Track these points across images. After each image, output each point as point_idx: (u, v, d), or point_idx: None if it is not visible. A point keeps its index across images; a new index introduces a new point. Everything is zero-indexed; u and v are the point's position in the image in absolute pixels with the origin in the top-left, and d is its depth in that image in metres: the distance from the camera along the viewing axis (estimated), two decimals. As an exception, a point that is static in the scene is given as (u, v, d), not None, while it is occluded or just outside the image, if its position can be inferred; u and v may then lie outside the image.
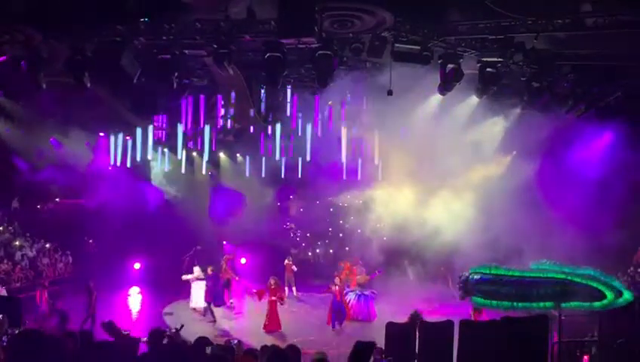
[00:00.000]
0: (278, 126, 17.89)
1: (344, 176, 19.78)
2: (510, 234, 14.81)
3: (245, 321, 15.88)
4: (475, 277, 12.59)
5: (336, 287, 14.96)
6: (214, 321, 15.18)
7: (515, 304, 12.35)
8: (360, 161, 19.67)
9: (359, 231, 20.97)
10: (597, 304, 11.66)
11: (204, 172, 20.66)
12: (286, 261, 19.06)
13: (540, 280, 12.20)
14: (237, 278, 17.97)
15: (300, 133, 18.47)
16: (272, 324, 14.18)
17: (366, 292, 16.11)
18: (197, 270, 16.58)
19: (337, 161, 20.27)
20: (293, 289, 18.89)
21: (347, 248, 21.84)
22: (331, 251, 23.53)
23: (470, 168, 17.62)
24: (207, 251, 20.20)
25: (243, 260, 21.25)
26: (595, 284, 11.80)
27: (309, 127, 17.94)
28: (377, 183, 19.52)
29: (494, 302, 12.38)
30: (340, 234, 23.27)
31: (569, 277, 12.03)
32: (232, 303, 17.44)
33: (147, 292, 19.38)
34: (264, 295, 14.41)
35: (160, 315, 15.98)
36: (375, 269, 17.23)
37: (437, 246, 17.31)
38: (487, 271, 12.63)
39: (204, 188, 22.62)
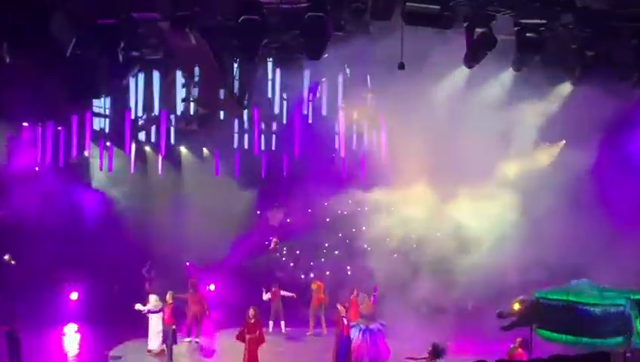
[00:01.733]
0: (257, 111, 17.94)
1: (343, 176, 19.89)
2: (563, 245, 15.01)
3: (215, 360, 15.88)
4: (544, 302, 12.57)
5: (345, 320, 14.99)
6: None
7: (580, 339, 12.42)
8: (363, 156, 19.77)
9: (364, 246, 21.09)
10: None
11: (160, 171, 20.64)
12: (273, 288, 19.18)
13: (612, 313, 12.30)
14: (207, 312, 17.88)
15: (285, 121, 18.53)
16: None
17: (372, 326, 16.15)
18: (153, 299, 16.62)
19: (334, 155, 20.42)
20: (282, 323, 18.83)
21: (348, 268, 21.91)
22: (328, 273, 23.59)
23: (506, 162, 17.81)
24: (168, 273, 20.17)
25: (211, 286, 21.26)
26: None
27: (296, 113, 18.01)
28: (386, 184, 19.66)
29: (561, 336, 12.45)
30: (336, 251, 23.31)
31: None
32: (197, 342, 17.41)
33: (88, 331, 19.08)
34: (242, 336, 14.32)
35: (105, 360, 15.95)
36: (371, 290, 17.30)
37: (465, 264, 17.48)
38: (563, 297, 12.58)
39: (161, 193, 22.53)
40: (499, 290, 16.00)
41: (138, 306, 16.53)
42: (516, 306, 13.23)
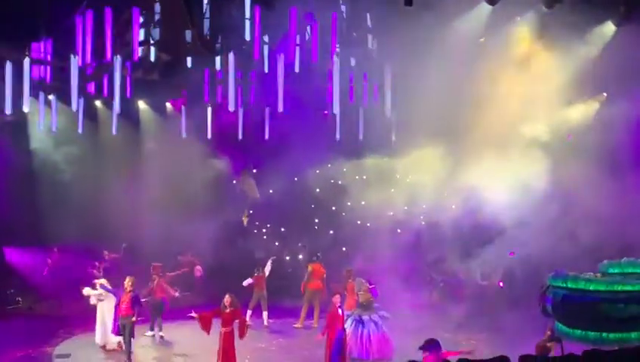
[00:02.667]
0: (232, 57, 17.69)
1: (337, 136, 19.72)
2: (599, 219, 15.20)
3: (184, 358, 15.84)
4: (553, 292, 12.70)
5: (340, 310, 14.94)
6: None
7: (605, 335, 12.53)
8: (362, 112, 19.64)
9: (363, 221, 21.09)
10: None
11: (113, 131, 20.37)
12: (255, 273, 19.15)
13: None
14: (176, 293, 17.98)
15: (266, 69, 18.31)
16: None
17: (367, 317, 16.12)
18: (103, 283, 16.31)
19: (326, 112, 20.24)
20: (264, 314, 18.94)
21: (344, 249, 21.92)
22: (319, 254, 23.61)
23: (533, 120, 17.79)
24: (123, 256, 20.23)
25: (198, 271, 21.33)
26: None
27: (280, 59, 17.75)
28: (389, 147, 19.54)
29: (578, 332, 12.54)
30: (331, 231, 23.33)
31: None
32: (161, 336, 17.39)
33: (28, 323, 19.04)
34: (208, 321, 14.30)
35: (48, 359, 15.79)
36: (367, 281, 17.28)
37: (484, 241, 17.63)
38: (567, 285, 12.74)
39: (115, 157, 22.43)
40: (523, 271, 16.10)
41: (87, 290, 16.44)
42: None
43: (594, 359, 10.80)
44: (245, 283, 18.55)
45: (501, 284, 19.20)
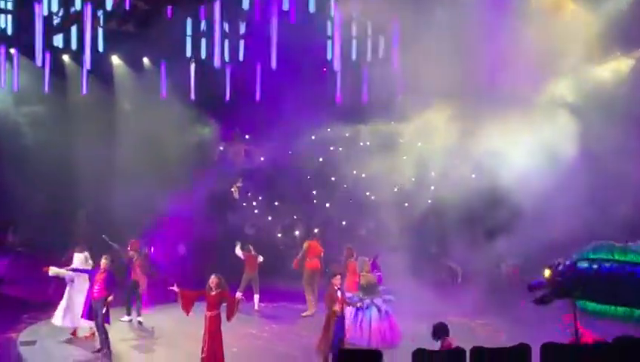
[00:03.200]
0: (218, 6, 17.42)
1: (337, 97, 19.55)
2: (631, 191, 15.12)
3: (165, 353, 15.81)
4: (584, 265, 12.63)
5: (339, 293, 14.86)
6: (105, 351, 14.95)
7: (636, 311, 12.48)
8: (367, 69, 19.44)
9: (366, 193, 20.89)
10: None
11: (84, 90, 20.18)
12: (248, 250, 19.04)
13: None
14: (153, 274, 17.95)
15: (257, 17, 18.11)
16: (211, 358, 13.82)
17: (370, 302, 16.07)
18: (79, 258, 16.17)
19: (325, 69, 20.03)
20: (255, 297, 18.89)
21: (344, 222, 21.84)
22: (316, 231, 23.56)
23: (558, 79, 17.63)
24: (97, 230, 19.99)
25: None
26: None
27: (273, 8, 17.60)
28: (396, 108, 19.29)
29: (620, 310, 12.53)
30: (330, 205, 23.17)
31: None
32: (140, 322, 17.33)
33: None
34: (190, 301, 14.25)
35: (13, 346, 15.75)
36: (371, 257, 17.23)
37: (501, 215, 17.50)
38: (610, 256, 12.65)
39: (85, 119, 22.24)
40: (545, 248, 15.99)
41: (53, 270, 16.25)
42: (547, 273, 13.35)
43: (626, 345, 10.76)
44: (238, 251, 18.43)
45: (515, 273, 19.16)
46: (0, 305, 18.59)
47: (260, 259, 18.95)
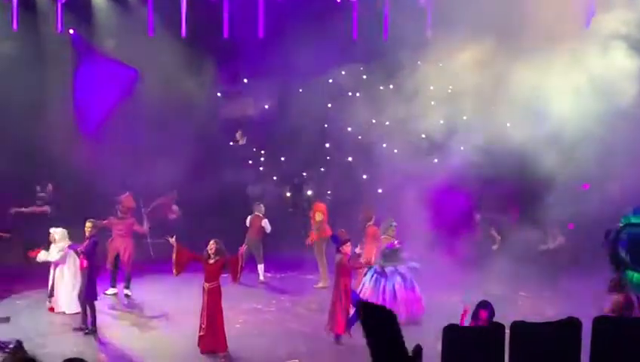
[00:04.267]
0: None
1: (354, 32, 19.52)
2: None
3: (158, 331, 15.93)
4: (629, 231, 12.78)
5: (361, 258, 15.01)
6: (88, 330, 15.23)
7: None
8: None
9: (383, 145, 21.05)
10: None
11: (59, 28, 20.27)
12: (256, 214, 19.31)
13: None
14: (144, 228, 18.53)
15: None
16: (210, 336, 14.13)
17: (393, 268, 16.23)
18: (59, 233, 16.47)
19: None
20: (259, 268, 19.21)
21: (365, 176, 21.91)
22: (329, 192, 23.62)
23: (610, 9, 17.45)
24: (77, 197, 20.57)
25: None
26: None
27: None
28: (424, 45, 19.37)
29: None
30: (350, 158, 23.26)
31: None
32: (127, 295, 17.75)
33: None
34: (184, 259, 14.46)
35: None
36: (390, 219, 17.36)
37: (543, 170, 17.58)
38: None
39: (61, 63, 22.45)
40: (601, 214, 16.12)
41: (42, 255, 16.52)
42: None
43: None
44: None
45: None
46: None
47: (267, 226, 19.22)
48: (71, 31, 22.24)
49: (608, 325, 11.15)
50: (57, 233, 16.52)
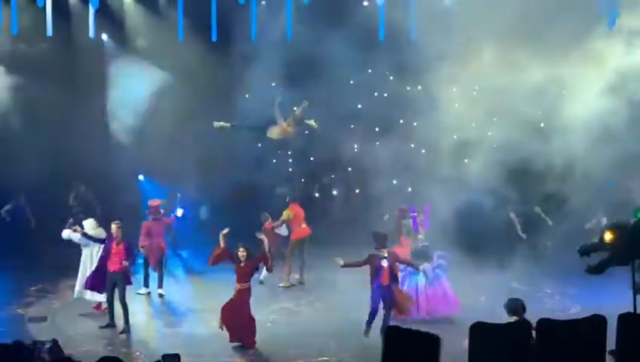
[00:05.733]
0: None
1: (380, 33, 19.65)
2: None
3: (189, 330, 16.07)
4: None
5: (384, 261, 15.12)
6: (122, 328, 15.49)
7: None
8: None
9: (411, 146, 21.22)
10: None
11: (91, 33, 20.47)
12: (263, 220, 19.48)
13: None
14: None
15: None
16: (236, 329, 14.49)
17: (427, 265, 16.33)
18: (89, 224, 16.73)
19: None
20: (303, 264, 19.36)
21: (394, 181, 22.00)
22: (357, 191, 23.69)
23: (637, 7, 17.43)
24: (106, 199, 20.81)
25: (179, 211, 21.69)
26: None
27: None
28: (449, 47, 19.44)
29: None
30: (377, 158, 22.96)
31: None
32: (161, 295, 17.98)
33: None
34: (221, 256, 14.73)
35: (21, 321, 16.21)
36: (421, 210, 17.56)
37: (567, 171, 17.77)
38: None
39: (94, 65, 22.64)
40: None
41: (66, 233, 16.74)
42: (608, 236, 13.34)
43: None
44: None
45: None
46: (2, 276, 19.18)
47: (282, 230, 19.31)
48: (104, 36, 22.55)
49: (634, 322, 11.14)
50: (86, 223, 16.82)
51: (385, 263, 14.75)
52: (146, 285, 18.17)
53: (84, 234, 16.46)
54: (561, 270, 18.18)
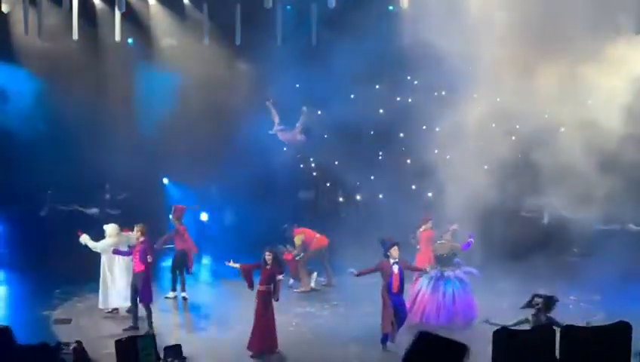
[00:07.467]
0: None
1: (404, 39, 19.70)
2: None
3: (213, 333, 16.22)
4: None
5: (394, 267, 15.16)
6: (146, 331, 15.38)
7: None
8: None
9: (435, 151, 21.08)
10: None
11: (118, 37, 20.72)
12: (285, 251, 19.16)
13: None
14: (195, 250, 18.59)
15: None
16: (258, 339, 14.44)
17: (451, 274, 16.36)
18: (111, 229, 16.84)
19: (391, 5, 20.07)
20: (328, 271, 19.51)
21: (413, 187, 22.00)
22: (380, 196, 23.71)
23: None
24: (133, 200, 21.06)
25: (204, 216, 21.84)
26: None
27: None
28: (472, 52, 19.36)
29: None
30: (409, 160, 23.15)
31: None
32: (184, 298, 18.08)
33: (18, 284, 20.05)
34: (249, 273, 14.80)
35: (47, 323, 16.39)
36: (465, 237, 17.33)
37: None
38: None
39: (119, 68, 22.82)
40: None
41: (84, 238, 16.80)
42: None
43: None
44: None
45: None
46: (30, 282, 19.55)
47: (296, 255, 19.16)
48: (129, 40, 22.72)
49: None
50: (108, 228, 16.88)
51: (396, 268, 14.79)
52: (174, 289, 18.24)
53: (116, 251, 16.47)
54: (586, 277, 18.08)
